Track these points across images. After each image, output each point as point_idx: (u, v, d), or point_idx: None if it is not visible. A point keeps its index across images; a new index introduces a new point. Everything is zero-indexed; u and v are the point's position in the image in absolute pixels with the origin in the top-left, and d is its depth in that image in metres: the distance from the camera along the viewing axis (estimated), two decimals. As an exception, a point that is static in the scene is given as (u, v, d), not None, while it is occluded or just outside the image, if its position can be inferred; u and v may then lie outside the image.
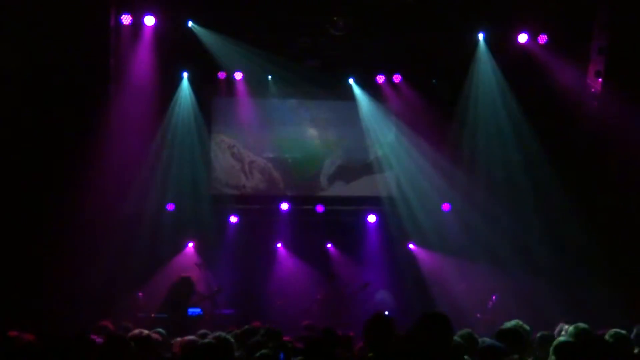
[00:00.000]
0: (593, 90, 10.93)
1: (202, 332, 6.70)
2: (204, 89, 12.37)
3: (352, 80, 12.60)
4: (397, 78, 12.49)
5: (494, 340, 5.12)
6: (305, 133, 12.95)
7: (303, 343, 5.87)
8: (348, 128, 12.92)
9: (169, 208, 11.99)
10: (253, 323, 7.60)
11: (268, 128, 12.72)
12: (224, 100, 12.59)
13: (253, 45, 11.40)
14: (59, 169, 10.21)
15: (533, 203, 11.36)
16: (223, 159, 12.75)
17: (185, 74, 12.06)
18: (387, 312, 11.13)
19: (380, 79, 12.55)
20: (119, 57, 10.98)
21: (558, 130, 11.33)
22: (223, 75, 12.21)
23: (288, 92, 12.45)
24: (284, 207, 12.68)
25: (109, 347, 5.06)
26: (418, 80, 12.33)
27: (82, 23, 10.06)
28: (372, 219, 12.95)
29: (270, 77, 12.35)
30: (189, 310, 10.70)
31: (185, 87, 12.10)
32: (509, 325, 5.38)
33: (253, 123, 12.53)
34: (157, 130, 11.71)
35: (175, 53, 11.57)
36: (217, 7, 10.89)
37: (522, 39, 11.44)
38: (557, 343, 4.88)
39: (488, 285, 11.18)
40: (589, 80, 10.97)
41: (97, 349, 5.09)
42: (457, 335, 5.12)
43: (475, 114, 11.85)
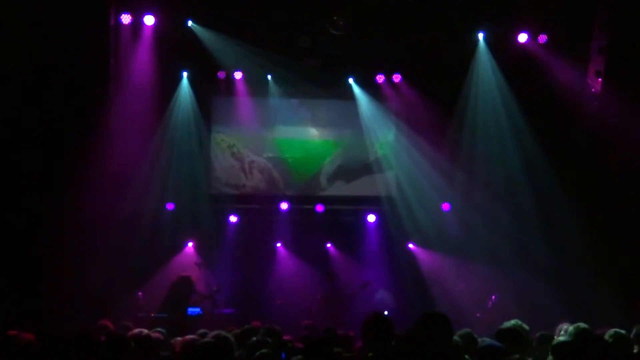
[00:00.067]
0: (593, 90, 10.92)
1: (201, 331, 6.70)
2: (204, 89, 12.37)
3: (351, 80, 12.59)
4: (396, 78, 12.48)
5: (494, 340, 5.13)
6: (305, 133, 12.95)
7: (303, 343, 5.87)
8: (348, 128, 12.92)
9: (169, 207, 11.99)
10: (253, 323, 7.60)
11: (268, 128, 12.74)
12: (224, 100, 12.58)
13: (253, 45, 11.40)
14: (59, 169, 10.21)
15: (533, 203, 11.34)
16: (223, 159, 12.75)
17: (185, 74, 12.05)
18: (386, 311, 11.15)
19: (380, 79, 12.54)
20: (119, 56, 10.98)
21: (558, 130, 11.32)
22: (223, 75, 12.20)
23: (288, 91, 12.43)
24: (284, 206, 12.67)
25: (109, 346, 5.06)
26: (418, 80, 12.31)
27: (81, 23, 10.06)
28: (371, 219, 12.94)
29: (270, 76, 12.35)
30: (189, 310, 10.69)
31: (185, 86, 12.09)
32: (508, 325, 5.38)
33: (253, 122, 12.53)
34: (156, 130, 11.70)
35: (175, 52, 11.58)
36: (216, 6, 10.90)
37: (522, 39, 11.44)
38: (555, 343, 4.89)
39: (488, 285, 11.18)
40: (589, 80, 10.97)
41: (97, 349, 5.09)
42: (456, 335, 5.12)
43: (475, 114, 11.85)
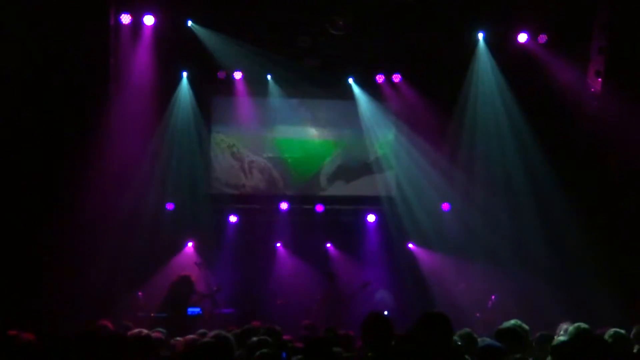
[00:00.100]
0: (593, 90, 10.92)
1: (201, 331, 6.70)
2: (204, 89, 12.37)
3: (351, 80, 12.59)
4: (396, 78, 12.48)
5: (493, 340, 5.12)
6: (305, 133, 12.96)
7: (303, 343, 5.87)
8: (348, 128, 12.92)
9: (169, 207, 12.00)
10: (252, 323, 7.59)
11: (267, 127, 12.74)
12: (224, 100, 12.58)
13: (252, 45, 11.40)
14: (59, 169, 10.20)
15: (533, 203, 11.34)
16: (222, 159, 12.75)
17: (185, 74, 12.06)
18: (386, 311, 11.16)
19: (380, 79, 12.54)
20: (119, 56, 10.97)
21: (558, 130, 11.32)
22: (222, 75, 12.20)
23: (288, 91, 12.44)
24: (284, 206, 12.68)
25: (109, 346, 5.06)
26: (418, 80, 12.31)
27: (81, 23, 10.06)
28: (371, 219, 12.94)
29: (270, 76, 12.35)
30: (189, 310, 10.70)
31: (185, 86, 12.10)
32: (507, 325, 5.38)
33: (252, 122, 12.53)
34: (156, 130, 11.70)
35: (175, 52, 11.58)
36: (216, 6, 10.89)
37: (522, 39, 11.43)
38: (555, 343, 4.89)
39: (487, 285, 11.18)
40: (589, 80, 10.96)
41: (97, 348, 5.09)
42: (456, 335, 5.13)
43: (475, 114, 11.85)
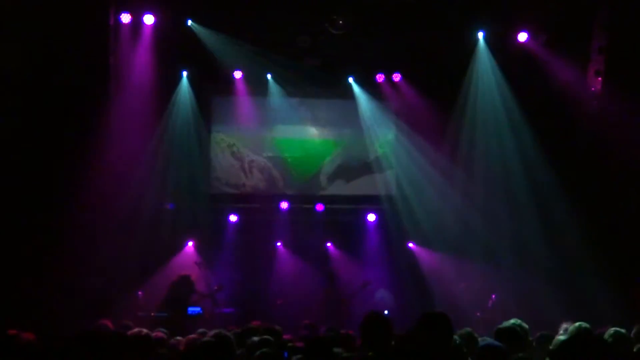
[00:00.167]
0: (593, 90, 10.92)
1: (201, 330, 6.71)
2: (204, 88, 12.37)
3: (351, 79, 12.59)
4: (396, 77, 12.48)
5: (493, 340, 5.12)
6: (305, 132, 12.95)
7: (303, 342, 5.87)
8: (348, 127, 12.92)
9: (169, 207, 11.99)
10: (252, 322, 7.59)
11: (267, 127, 12.73)
12: (224, 99, 12.58)
13: (252, 44, 11.41)
14: (59, 169, 10.20)
15: (533, 202, 11.34)
16: (223, 158, 12.75)
17: (185, 73, 12.06)
18: (386, 311, 11.16)
19: (380, 78, 12.53)
20: (119, 56, 10.97)
21: (558, 130, 11.31)
22: (223, 74, 12.18)
23: (288, 91, 12.43)
24: (284, 206, 12.68)
25: (109, 346, 5.06)
26: (418, 79, 12.31)
27: (81, 22, 10.05)
28: (371, 218, 12.94)
29: (270, 76, 12.35)
30: (189, 309, 10.70)
31: (185, 85, 12.10)
32: (507, 325, 5.38)
33: (252, 122, 12.53)
34: (156, 129, 11.70)
35: (175, 52, 11.58)
36: (216, 6, 10.89)
37: (522, 38, 11.43)
38: (555, 342, 4.90)
39: (488, 285, 11.18)
40: (589, 80, 10.96)
41: (97, 348, 5.08)
42: (456, 335, 5.12)
43: (475, 113, 11.84)
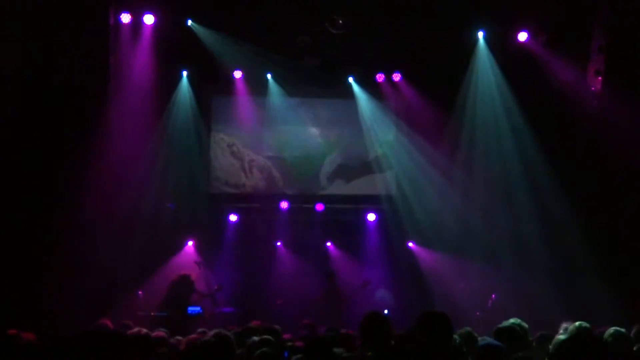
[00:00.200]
0: (593, 89, 10.91)
1: (200, 330, 6.71)
2: (204, 88, 12.37)
3: (351, 79, 12.59)
4: (396, 76, 12.47)
5: (493, 339, 5.12)
6: (305, 132, 12.94)
7: (303, 342, 5.87)
8: (348, 127, 12.92)
9: (169, 207, 11.99)
10: (252, 322, 7.59)
11: (267, 127, 12.72)
12: (224, 99, 12.58)
13: (252, 44, 11.40)
14: (59, 169, 10.20)
15: (532, 202, 11.34)
16: (222, 158, 12.75)
17: (185, 73, 12.06)
18: (386, 310, 11.17)
19: (380, 78, 12.52)
20: (119, 56, 10.97)
21: (558, 129, 11.30)
22: (222, 74, 12.19)
23: (287, 90, 12.42)
24: (284, 205, 12.67)
25: (109, 345, 5.06)
26: (418, 79, 12.31)
27: (81, 22, 10.05)
28: (371, 218, 12.94)
29: (270, 75, 12.35)
30: (189, 309, 10.71)
31: (185, 85, 12.10)
32: (506, 324, 5.39)
33: (252, 121, 12.53)
34: (156, 129, 11.69)
35: (175, 52, 11.58)
36: (216, 6, 10.89)
37: (522, 38, 11.43)
38: (554, 341, 4.90)
39: (487, 284, 11.18)
40: (589, 79, 10.96)
41: (97, 348, 5.08)
42: (456, 334, 5.13)
43: (475, 113, 11.83)
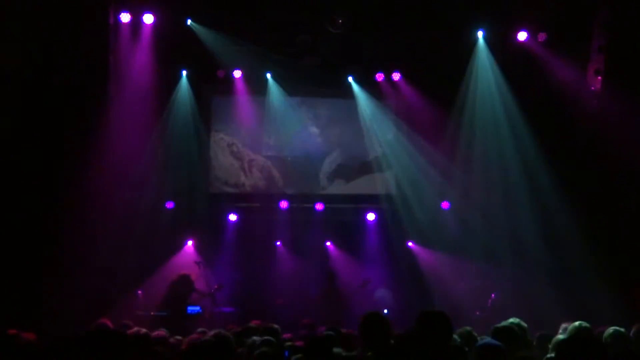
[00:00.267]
0: (593, 89, 10.92)
1: (200, 330, 6.72)
2: (203, 87, 12.35)
3: (351, 79, 12.57)
4: (396, 76, 12.47)
5: (492, 339, 5.13)
6: (305, 131, 12.93)
7: (303, 342, 5.87)
8: (348, 126, 12.91)
9: (168, 206, 11.98)
10: (252, 321, 7.59)
11: (267, 126, 12.71)
12: (223, 99, 12.57)
13: (252, 44, 11.39)
14: (59, 169, 10.20)
15: (532, 202, 11.34)
16: (222, 157, 12.74)
17: (184, 72, 12.04)
18: (386, 310, 11.17)
19: (380, 77, 12.51)
20: (118, 55, 10.97)
21: (557, 129, 11.32)
22: (222, 74, 12.17)
23: (287, 90, 12.41)
24: (284, 205, 12.67)
25: (109, 345, 5.06)
26: (417, 78, 12.30)
27: (81, 21, 10.06)
28: (371, 217, 12.92)
29: (270, 75, 12.34)
30: (189, 309, 10.70)
31: (184, 85, 12.07)
32: (504, 324, 5.40)
33: (252, 121, 12.52)
34: (156, 129, 11.69)
35: (174, 51, 11.56)
36: (216, 5, 10.90)
37: (521, 37, 11.43)
38: (554, 341, 4.91)
39: (487, 284, 11.19)
40: (589, 79, 10.96)
41: (97, 348, 5.09)
42: (456, 334, 5.13)
43: (474, 112, 11.83)
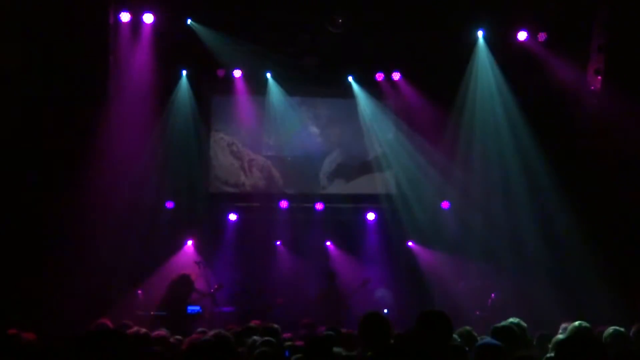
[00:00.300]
0: (592, 89, 10.92)
1: (200, 330, 6.72)
2: (203, 87, 12.34)
3: (351, 78, 12.56)
4: (396, 75, 12.47)
5: (492, 338, 5.13)
6: (305, 131, 12.92)
7: (303, 341, 5.87)
8: (347, 126, 12.91)
9: (168, 206, 11.97)
10: (252, 321, 7.60)
11: (267, 126, 12.70)
12: (223, 98, 12.56)
13: (252, 43, 11.39)
14: (59, 169, 10.20)
15: (532, 201, 11.34)
16: (222, 157, 12.74)
17: (184, 72, 12.03)
18: (386, 309, 11.17)
19: (380, 77, 12.50)
20: (118, 55, 10.97)
21: (557, 129, 11.32)
22: (222, 73, 12.16)
23: (287, 90, 12.41)
24: (284, 205, 12.66)
25: (109, 344, 5.06)
26: (417, 78, 12.29)
27: (81, 21, 10.07)
28: (371, 217, 12.92)
29: (270, 74, 12.33)
30: (189, 308, 10.70)
31: (184, 84, 12.06)
32: (503, 323, 5.41)
33: (252, 121, 12.51)
34: (155, 128, 11.68)
35: (174, 51, 11.55)
36: (216, 5, 10.90)
37: (521, 37, 11.43)
38: (554, 341, 4.92)
39: (487, 283, 11.19)
40: (589, 78, 10.97)
41: (97, 347, 5.08)
42: (456, 333, 5.14)
43: (474, 112, 11.83)
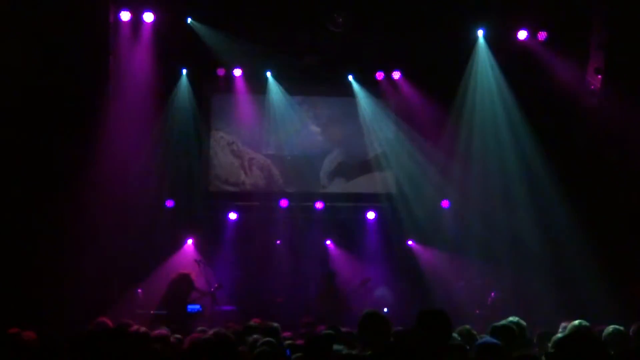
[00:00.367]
0: (592, 87, 10.92)
1: (200, 329, 6.73)
2: (203, 86, 12.35)
3: (351, 77, 12.56)
4: (396, 75, 12.47)
5: (491, 337, 5.14)
6: (305, 130, 12.92)
7: (303, 340, 5.88)
8: (348, 125, 12.90)
9: (168, 205, 11.98)
10: (253, 320, 7.60)
11: (267, 125, 12.69)
12: (223, 97, 12.57)
13: (252, 42, 11.38)
14: (59, 168, 10.20)
15: (532, 201, 11.34)
16: (222, 156, 12.74)
17: (184, 71, 12.04)
18: (386, 308, 11.18)
19: (380, 76, 12.50)
20: (118, 54, 10.97)
21: (557, 127, 11.32)
22: (222, 72, 12.17)
23: (287, 88, 12.42)
24: (284, 204, 12.66)
25: (109, 343, 5.07)
26: (417, 77, 12.30)
27: (81, 20, 10.06)
28: (371, 216, 12.92)
29: (270, 73, 12.34)
30: (189, 307, 10.71)
31: (184, 83, 12.07)
32: (503, 322, 5.41)
33: (252, 120, 12.52)
34: (155, 127, 11.69)
35: (174, 50, 11.57)
36: (216, 3, 10.89)
37: (521, 36, 11.43)
38: (554, 339, 4.93)
39: (487, 282, 11.20)
40: (589, 77, 10.96)
41: (97, 346, 5.10)
42: (455, 332, 5.14)
43: (474, 111, 11.83)
